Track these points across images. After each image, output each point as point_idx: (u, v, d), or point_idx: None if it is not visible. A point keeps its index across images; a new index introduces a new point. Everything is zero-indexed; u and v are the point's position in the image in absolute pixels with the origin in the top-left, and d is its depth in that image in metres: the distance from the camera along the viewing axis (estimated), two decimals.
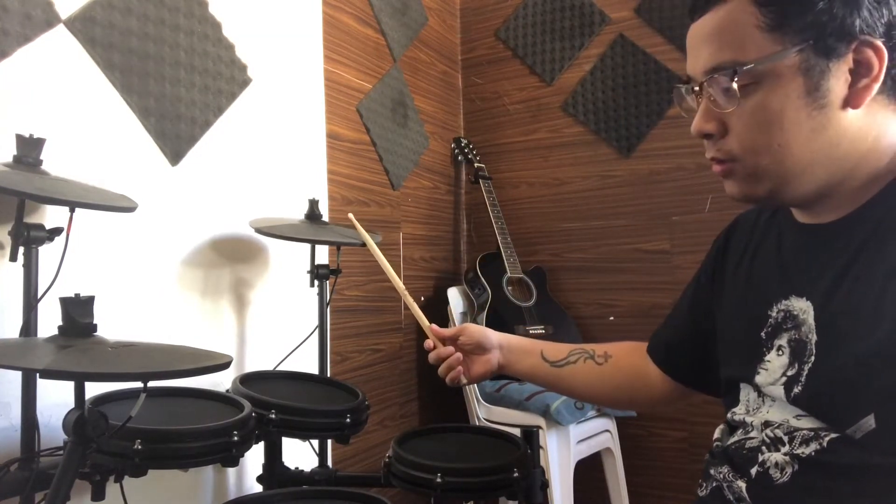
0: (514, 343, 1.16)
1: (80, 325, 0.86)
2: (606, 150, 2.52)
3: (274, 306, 1.75)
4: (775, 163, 0.73)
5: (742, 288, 0.88)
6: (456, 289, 2.46)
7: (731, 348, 0.88)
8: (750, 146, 0.74)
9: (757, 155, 0.74)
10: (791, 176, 0.74)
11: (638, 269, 2.43)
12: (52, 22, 1.27)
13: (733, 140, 0.76)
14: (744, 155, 0.75)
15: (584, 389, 1.13)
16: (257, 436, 1.20)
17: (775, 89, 0.71)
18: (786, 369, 0.76)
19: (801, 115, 0.71)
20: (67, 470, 0.82)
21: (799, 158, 0.73)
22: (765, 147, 0.73)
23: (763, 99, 0.72)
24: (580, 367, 1.11)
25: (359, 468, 2.04)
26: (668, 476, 2.32)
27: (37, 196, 1.02)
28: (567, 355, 1.12)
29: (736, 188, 0.79)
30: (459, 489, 1.19)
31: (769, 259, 0.86)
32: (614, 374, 1.10)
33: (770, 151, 0.73)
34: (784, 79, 0.71)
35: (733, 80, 0.72)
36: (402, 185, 2.38)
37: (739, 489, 0.78)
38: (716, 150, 0.78)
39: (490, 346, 1.13)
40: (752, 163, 0.75)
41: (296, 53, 1.90)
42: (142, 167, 1.44)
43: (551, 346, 1.15)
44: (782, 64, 0.71)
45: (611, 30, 2.53)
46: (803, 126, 0.72)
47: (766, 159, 0.74)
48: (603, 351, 1.12)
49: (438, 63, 2.69)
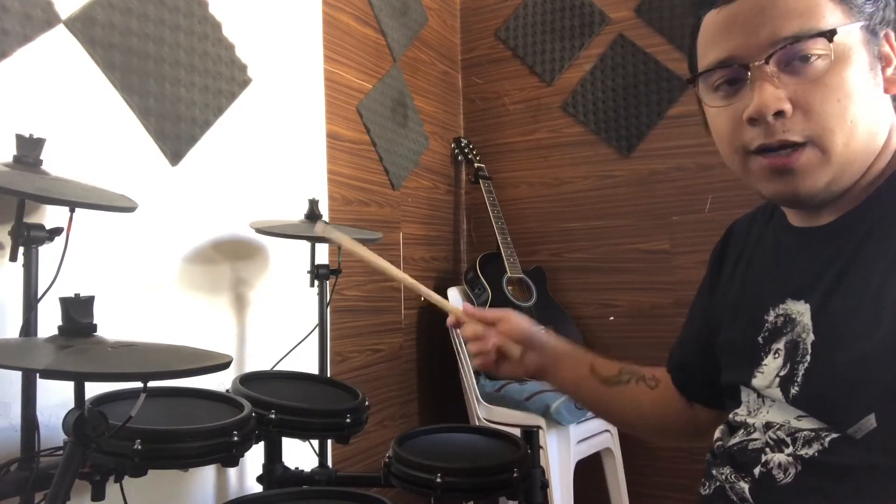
0: (562, 348, 1.02)
1: (80, 325, 0.86)
2: (606, 149, 2.52)
3: (274, 306, 1.75)
4: (844, 143, 0.70)
5: (739, 294, 0.88)
6: (456, 289, 2.46)
7: (731, 354, 0.88)
8: (825, 122, 0.69)
9: (832, 133, 0.69)
10: (849, 162, 0.71)
11: (638, 269, 2.43)
12: (52, 22, 1.27)
13: (806, 117, 0.70)
14: (820, 132, 0.69)
15: (633, 414, 1.02)
16: (257, 436, 1.20)
17: (849, 61, 0.70)
18: (779, 370, 0.76)
19: (869, 88, 0.71)
20: (67, 470, 0.82)
21: (861, 139, 0.71)
22: (839, 122, 0.69)
23: (840, 70, 0.69)
24: (632, 389, 0.99)
25: (359, 468, 2.04)
26: (668, 476, 2.32)
27: (37, 196, 1.02)
28: (619, 373, 1.00)
29: (801, 180, 0.72)
30: (459, 489, 1.19)
31: (765, 264, 0.85)
32: (664, 401, 1.00)
33: (843, 128, 0.69)
34: (855, 52, 0.70)
35: (814, 49, 0.69)
36: (402, 185, 2.38)
37: (742, 490, 0.77)
38: (784, 131, 0.70)
39: (533, 345, 1.00)
40: (828, 142, 0.70)
41: (296, 53, 1.90)
42: (142, 167, 1.44)
43: (601, 360, 1.02)
44: (853, 37, 0.70)
45: (611, 30, 2.53)
46: (869, 100, 0.71)
47: (839, 137, 0.69)
48: (651, 374, 1.01)
49: (438, 63, 2.69)
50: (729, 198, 2.22)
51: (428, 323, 2.45)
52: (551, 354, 1.02)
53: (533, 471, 1.24)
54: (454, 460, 1.25)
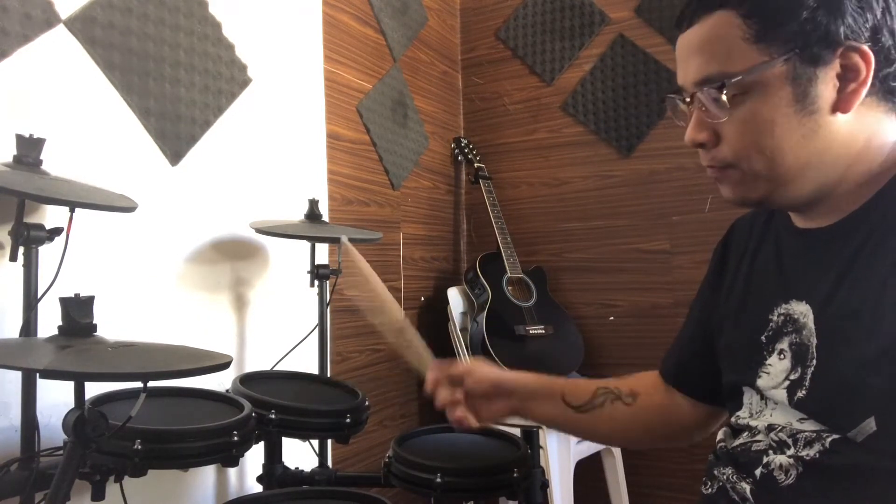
0: (531, 385, 1.02)
1: (80, 325, 0.86)
2: (606, 150, 2.52)
3: (274, 306, 1.75)
4: (768, 168, 0.74)
5: (741, 293, 0.88)
6: (456, 289, 2.46)
7: (733, 353, 0.88)
8: (742, 153, 0.75)
9: (750, 161, 0.75)
10: (785, 180, 0.75)
11: (638, 269, 2.43)
12: (52, 22, 1.27)
13: (726, 148, 0.77)
14: (737, 161, 0.76)
15: (611, 434, 1.05)
16: (257, 436, 1.20)
17: (764, 99, 0.73)
18: (788, 373, 0.76)
19: (792, 122, 0.73)
20: (67, 470, 0.82)
21: (791, 164, 0.74)
22: (757, 154, 0.74)
23: (753, 108, 0.73)
24: (607, 411, 1.00)
25: (359, 468, 2.04)
26: (668, 476, 2.32)
27: (37, 196, 1.02)
28: (591, 397, 1.01)
29: (731, 192, 0.80)
30: (459, 489, 1.19)
31: (768, 263, 0.86)
32: (644, 414, 1.01)
33: (763, 158, 0.74)
34: (772, 88, 0.72)
35: (722, 92, 0.73)
36: (402, 185, 2.38)
37: (743, 490, 0.77)
38: (710, 158, 0.79)
39: (502, 391, 1.01)
40: (746, 168, 0.76)
41: (296, 53, 1.90)
42: (142, 167, 1.44)
43: (572, 387, 1.02)
44: (770, 74, 0.72)
45: (611, 30, 2.53)
46: (794, 132, 0.73)
47: (759, 165, 0.75)
48: (628, 389, 1.02)
49: (438, 63, 2.69)
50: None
51: (428, 323, 2.45)
52: (522, 395, 1.02)
53: (533, 471, 1.24)
54: (454, 460, 1.25)
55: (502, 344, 2.19)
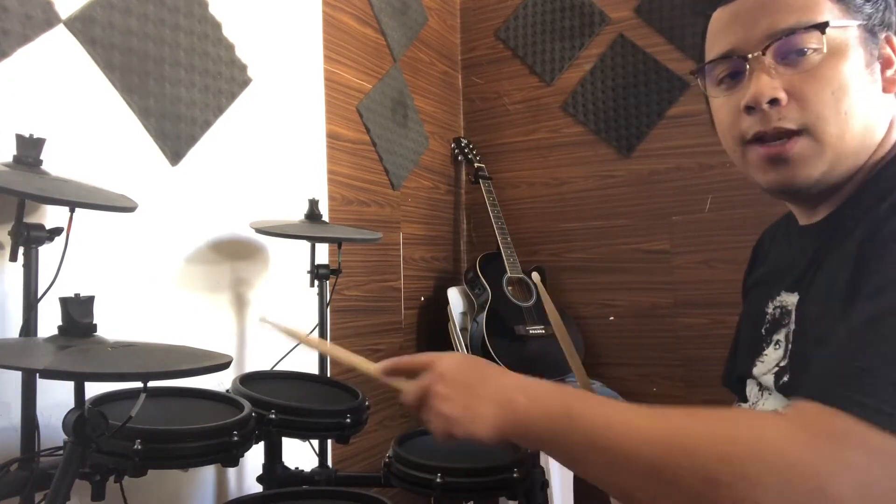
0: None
1: (80, 325, 0.86)
2: (606, 149, 2.52)
3: (274, 306, 1.75)
4: (838, 134, 0.72)
5: (754, 292, 0.92)
6: (456, 289, 2.46)
7: (743, 347, 0.91)
8: (819, 111, 0.72)
9: (826, 123, 0.72)
10: (845, 154, 0.73)
11: (638, 269, 2.43)
12: (52, 22, 1.27)
13: (801, 106, 0.72)
14: (814, 121, 0.72)
15: None
16: (257, 436, 1.20)
17: (844, 55, 0.72)
18: (779, 361, 0.79)
19: (865, 86, 0.73)
20: (67, 470, 0.82)
21: (857, 132, 0.72)
22: (833, 113, 0.71)
23: (835, 63, 0.72)
24: None
25: (359, 468, 2.04)
26: None
27: (37, 196, 1.02)
28: None
29: (788, 172, 0.74)
30: (459, 489, 1.19)
31: (776, 262, 0.90)
32: None
33: (837, 118, 0.71)
34: (851, 48, 0.72)
35: (808, 43, 0.72)
36: (402, 185, 2.38)
37: None
38: (778, 118, 0.73)
39: None
40: (821, 131, 0.72)
41: (296, 53, 1.90)
42: (142, 167, 1.44)
43: None
44: (850, 33, 0.73)
45: (611, 30, 2.53)
46: (865, 97, 0.73)
47: (833, 127, 0.72)
48: None
49: (438, 63, 2.69)
50: (729, 198, 2.22)
51: (428, 323, 2.45)
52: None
53: (533, 471, 1.24)
54: (454, 460, 1.25)
55: (502, 344, 2.19)
